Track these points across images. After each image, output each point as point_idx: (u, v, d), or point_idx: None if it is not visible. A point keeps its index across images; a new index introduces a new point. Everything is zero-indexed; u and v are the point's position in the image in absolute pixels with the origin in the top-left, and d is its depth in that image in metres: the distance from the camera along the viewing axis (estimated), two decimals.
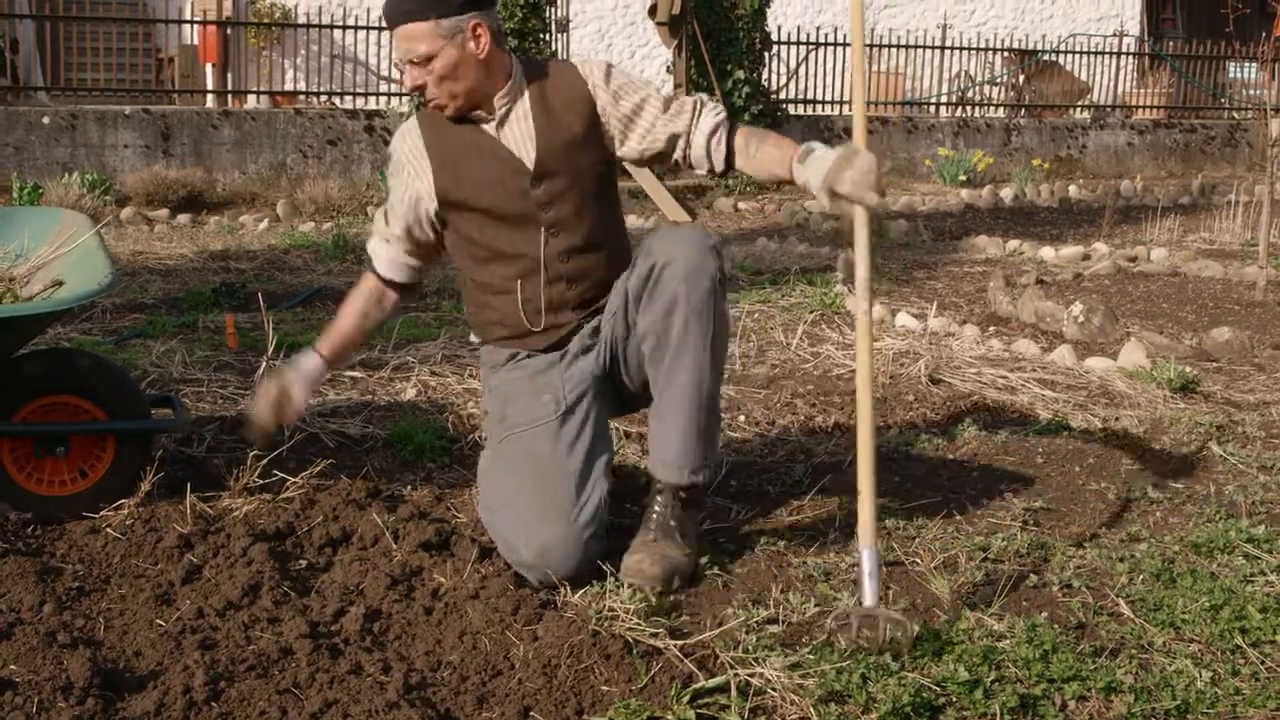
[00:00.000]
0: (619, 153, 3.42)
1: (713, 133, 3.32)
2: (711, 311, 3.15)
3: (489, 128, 3.35)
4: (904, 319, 6.33)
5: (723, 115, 3.35)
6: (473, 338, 3.62)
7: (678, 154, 3.36)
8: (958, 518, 3.63)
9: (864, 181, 3.00)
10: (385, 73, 14.56)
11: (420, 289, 3.68)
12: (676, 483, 3.22)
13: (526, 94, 3.35)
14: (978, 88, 17.30)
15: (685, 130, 3.34)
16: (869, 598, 2.80)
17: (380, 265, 3.52)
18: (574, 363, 3.38)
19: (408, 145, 3.43)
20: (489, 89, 3.31)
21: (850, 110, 15.65)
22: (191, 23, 14.86)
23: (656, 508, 3.24)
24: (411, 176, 3.41)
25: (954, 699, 2.55)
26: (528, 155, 3.33)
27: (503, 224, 3.36)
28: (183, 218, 11.10)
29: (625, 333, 3.33)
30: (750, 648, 2.74)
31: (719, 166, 3.34)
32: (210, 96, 14.31)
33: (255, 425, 3.48)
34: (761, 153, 3.27)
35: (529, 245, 3.35)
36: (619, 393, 3.45)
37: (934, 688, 2.57)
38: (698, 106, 3.35)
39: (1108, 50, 18.17)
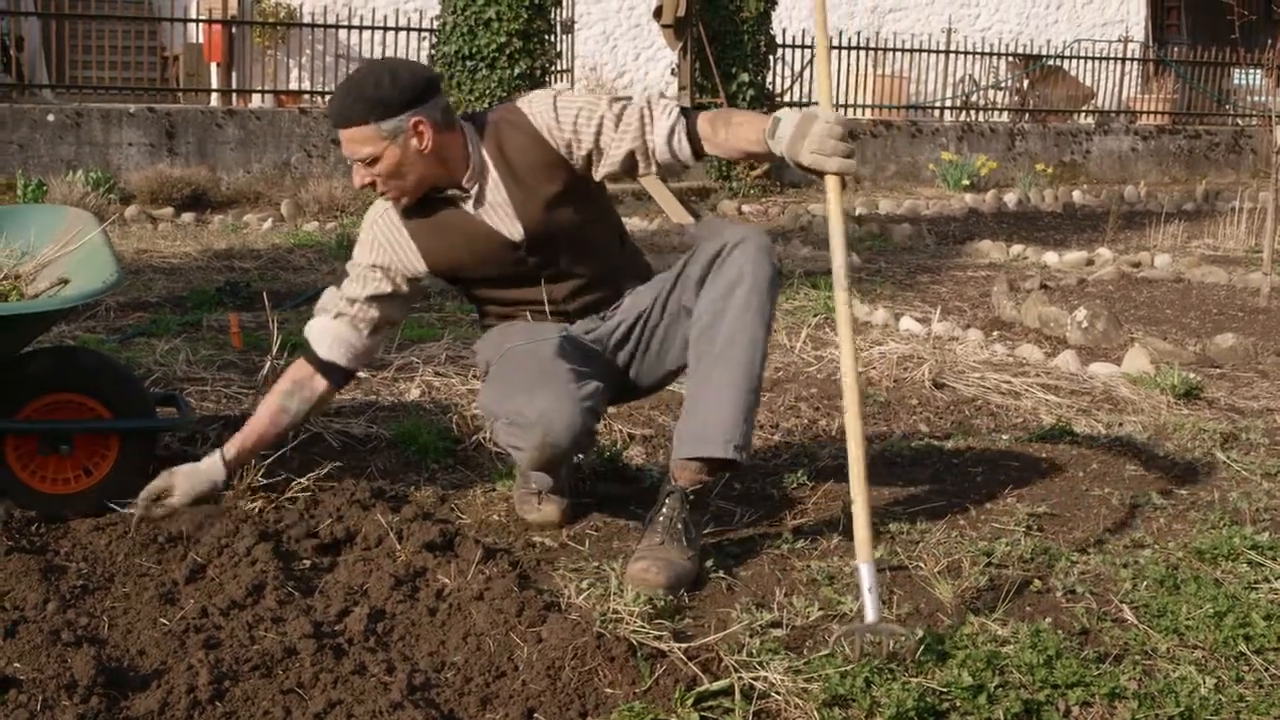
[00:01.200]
0: (595, 179, 3.38)
1: (670, 134, 3.24)
2: (770, 296, 3.20)
3: (468, 207, 3.34)
4: (908, 323, 6.33)
5: (675, 111, 3.25)
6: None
7: (643, 166, 3.30)
8: (961, 522, 3.62)
9: (823, 148, 2.96)
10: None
11: (349, 380, 3.56)
12: (714, 455, 3.18)
13: (491, 166, 3.31)
14: (982, 92, 17.30)
15: (640, 143, 3.26)
16: (870, 613, 2.79)
17: (320, 346, 3.41)
18: (582, 334, 3.44)
19: (384, 226, 3.40)
20: (442, 174, 3.29)
21: (856, 113, 15.77)
22: (197, 21, 14.88)
23: (664, 510, 3.23)
24: (393, 251, 3.39)
25: (958, 704, 2.55)
26: (513, 230, 3.33)
27: (502, 284, 3.43)
28: (187, 216, 11.11)
29: (660, 319, 3.36)
30: (754, 651, 2.73)
31: (688, 161, 3.28)
32: (215, 95, 14.33)
33: (137, 507, 3.36)
34: (731, 133, 3.19)
35: (530, 294, 3.43)
36: (616, 376, 3.46)
37: (938, 692, 2.57)
38: (644, 114, 3.25)
39: (1112, 56, 18.17)
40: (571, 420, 3.09)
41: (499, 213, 3.32)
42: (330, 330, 3.41)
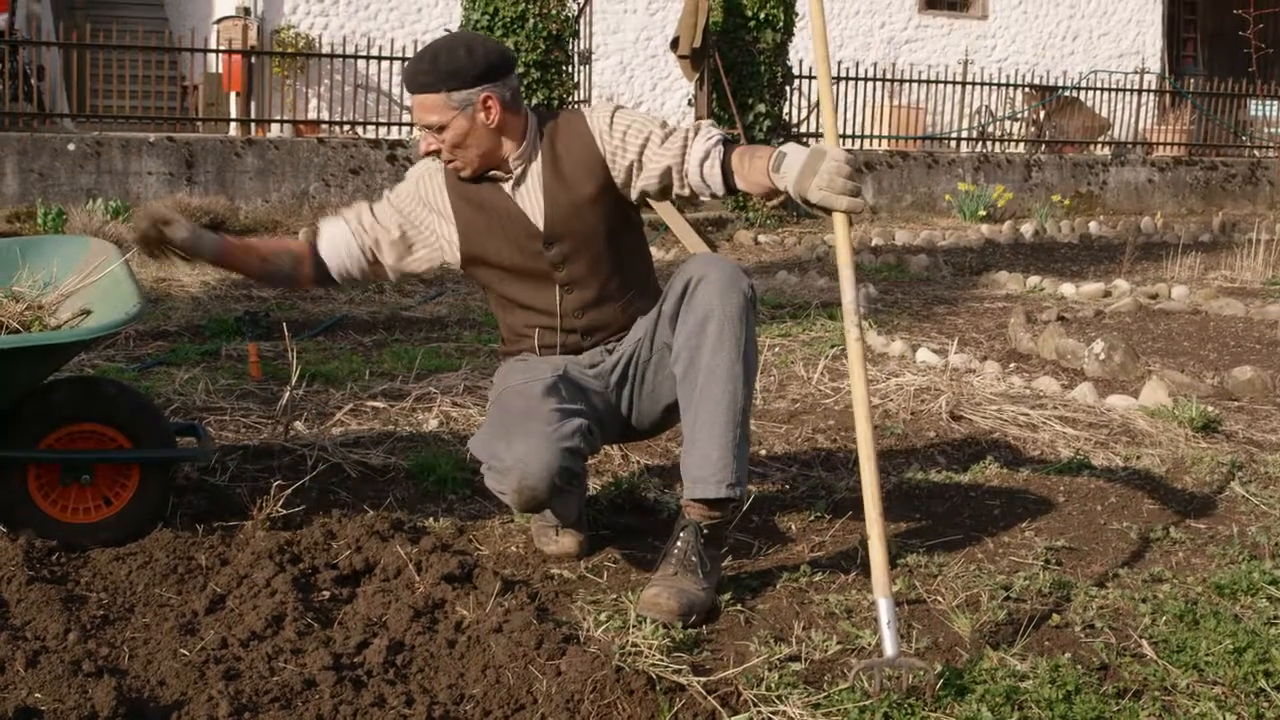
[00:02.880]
0: (631, 196, 3.43)
1: (704, 158, 3.27)
2: (744, 325, 3.19)
3: (506, 187, 3.43)
4: (925, 354, 6.33)
5: (715, 139, 3.30)
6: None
7: (676, 186, 3.35)
8: (979, 556, 3.62)
9: (831, 185, 2.99)
10: (408, 103, 14.62)
11: (328, 286, 3.67)
12: (711, 496, 3.20)
13: (540, 153, 3.41)
14: (998, 123, 17.32)
15: (677, 162, 3.32)
16: (889, 648, 2.78)
17: (325, 240, 3.54)
18: (584, 370, 3.46)
19: (429, 185, 3.52)
20: (503, 153, 3.39)
21: (873, 144, 15.79)
22: (216, 51, 14.95)
23: (679, 542, 3.24)
24: (436, 216, 3.50)
25: None
26: (538, 218, 3.40)
27: (520, 278, 3.47)
28: None
29: (649, 355, 3.39)
30: (773, 685, 2.73)
31: (718, 190, 3.30)
32: (234, 125, 14.40)
33: (136, 224, 3.43)
34: (750, 167, 3.21)
35: (545, 299, 3.46)
36: (618, 416, 3.49)
37: None
38: (688, 136, 3.32)
39: (1128, 87, 18.18)
40: (548, 463, 3.10)
41: (532, 197, 3.41)
42: (337, 235, 3.53)
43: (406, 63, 3.34)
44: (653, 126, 3.37)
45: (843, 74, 15.87)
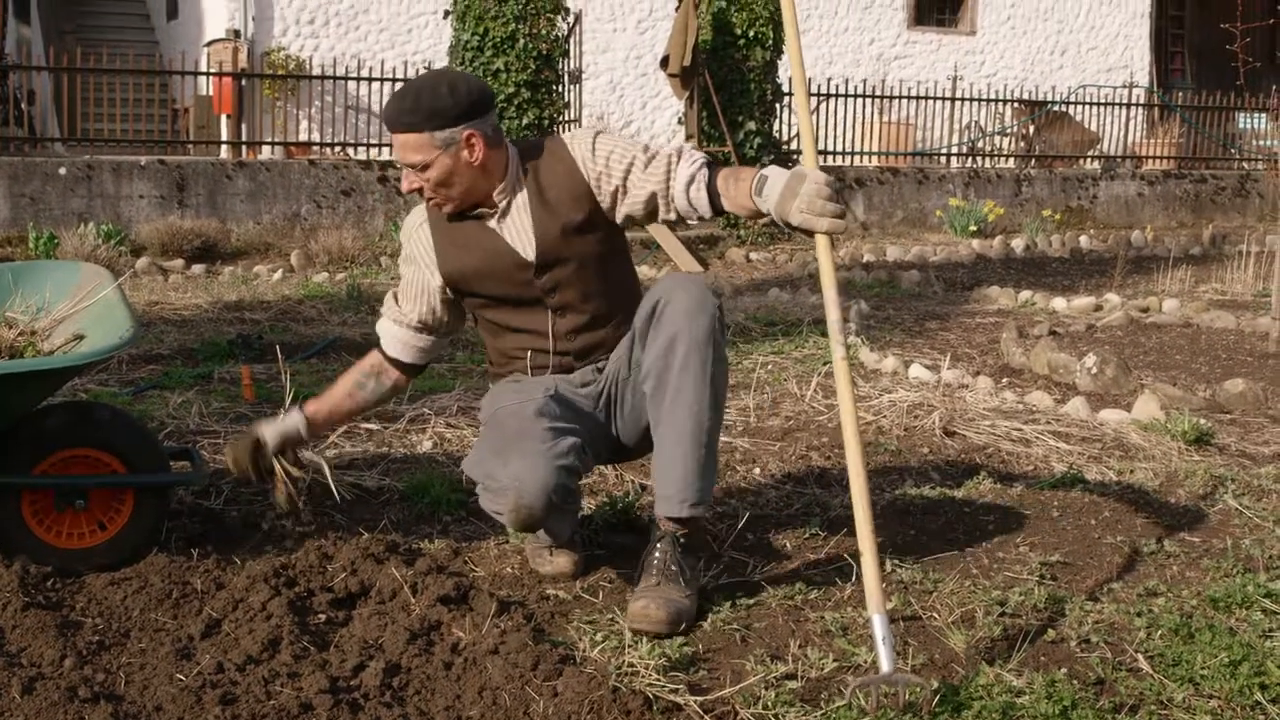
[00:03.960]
0: (616, 220, 3.45)
1: (690, 182, 3.29)
2: (711, 347, 3.20)
3: (491, 223, 3.43)
4: (917, 370, 6.34)
5: (699, 163, 3.31)
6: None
7: (662, 210, 3.36)
8: (974, 571, 3.63)
9: (811, 208, 3.02)
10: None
11: (423, 369, 3.72)
12: (675, 515, 3.27)
13: (524, 185, 3.42)
14: (988, 138, 17.37)
15: (662, 187, 3.33)
16: (885, 664, 2.78)
17: (386, 343, 3.60)
18: (575, 389, 3.47)
19: (418, 239, 3.54)
20: (486, 188, 3.40)
21: (863, 160, 15.83)
22: (207, 74, 14.98)
23: (657, 553, 3.29)
24: (422, 268, 3.53)
25: None
26: (528, 248, 3.40)
27: (511, 306, 3.48)
28: (197, 268, 11.16)
29: (627, 374, 3.42)
30: (770, 704, 2.73)
31: (705, 213, 3.32)
32: (225, 147, 14.42)
33: (232, 466, 3.58)
34: (734, 190, 3.23)
35: (537, 323, 3.47)
36: (608, 436, 3.52)
37: None
38: (672, 160, 3.33)
39: (1117, 101, 18.25)
40: (545, 481, 3.11)
41: (518, 230, 3.41)
42: (392, 333, 3.59)
43: (388, 101, 3.38)
44: (635, 151, 3.38)
45: (832, 90, 15.91)
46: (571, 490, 3.28)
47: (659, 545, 3.30)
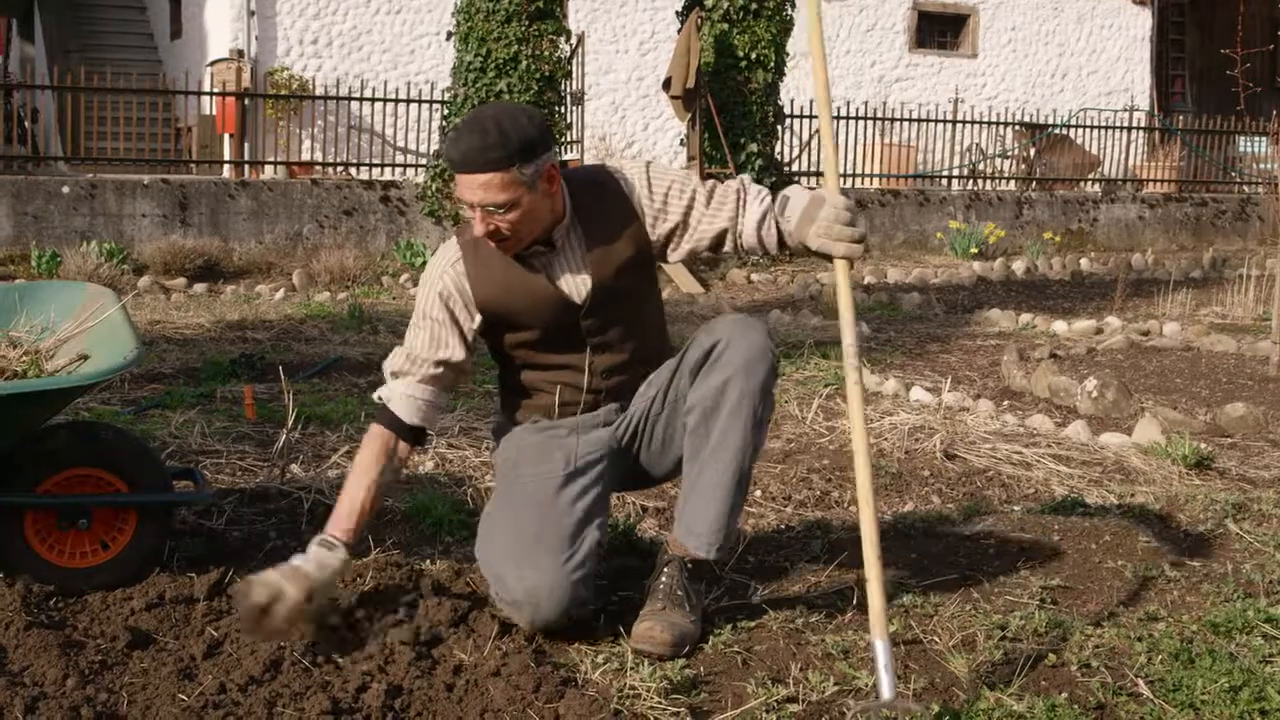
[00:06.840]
0: (670, 257, 3.36)
1: (761, 220, 3.20)
2: (764, 397, 3.19)
3: (540, 260, 3.25)
4: (918, 393, 6.35)
5: (768, 200, 3.22)
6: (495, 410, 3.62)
7: (727, 246, 3.27)
8: (975, 595, 3.63)
9: (829, 233, 3.01)
10: (401, 144, 14.70)
11: (429, 438, 3.40)
12: (700, 556, 3.26)
13: (577, 220, 3.25)
14: (989, 161, 17.41)
15: (731, 224, 3.24)
16: (886, 690, 2.78)
17: (398, 407, 3.25)
18: (591, 431, 3.39)
19: (452, 277, 3.27)
20: (552, 224, 3.22)
21: (864, 182, 15.86)
22: (210, 94, 15.03)
23: (664, 578, 3.28)
24: (459, 307, 3.27)
25: None
26: (580, 287, 3.26)
27: (548, 344, 3.32)
28: (199, 287, 11.18)
29: (661, 409, 3.36)
30: None
31: (773, 250, 3.24)
32: (228, 167, 14.45)
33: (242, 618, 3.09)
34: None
35: (573, 361, 3.34)
36: (629, 468, 3.48)
37: None
38: (741, 195, 3.24)
39: (1118, 124, 18.29)
40: (560, 599, 3.11)
41: (571, 265, 3.25)
42: (402, 392, 3.26)
43: (455, 140, 3.05)
44: (694, 185, 3.27)
45: (834, 113, 15.89)
46: (587, 601, 3.21)
47: (666, 570, 3.29)
